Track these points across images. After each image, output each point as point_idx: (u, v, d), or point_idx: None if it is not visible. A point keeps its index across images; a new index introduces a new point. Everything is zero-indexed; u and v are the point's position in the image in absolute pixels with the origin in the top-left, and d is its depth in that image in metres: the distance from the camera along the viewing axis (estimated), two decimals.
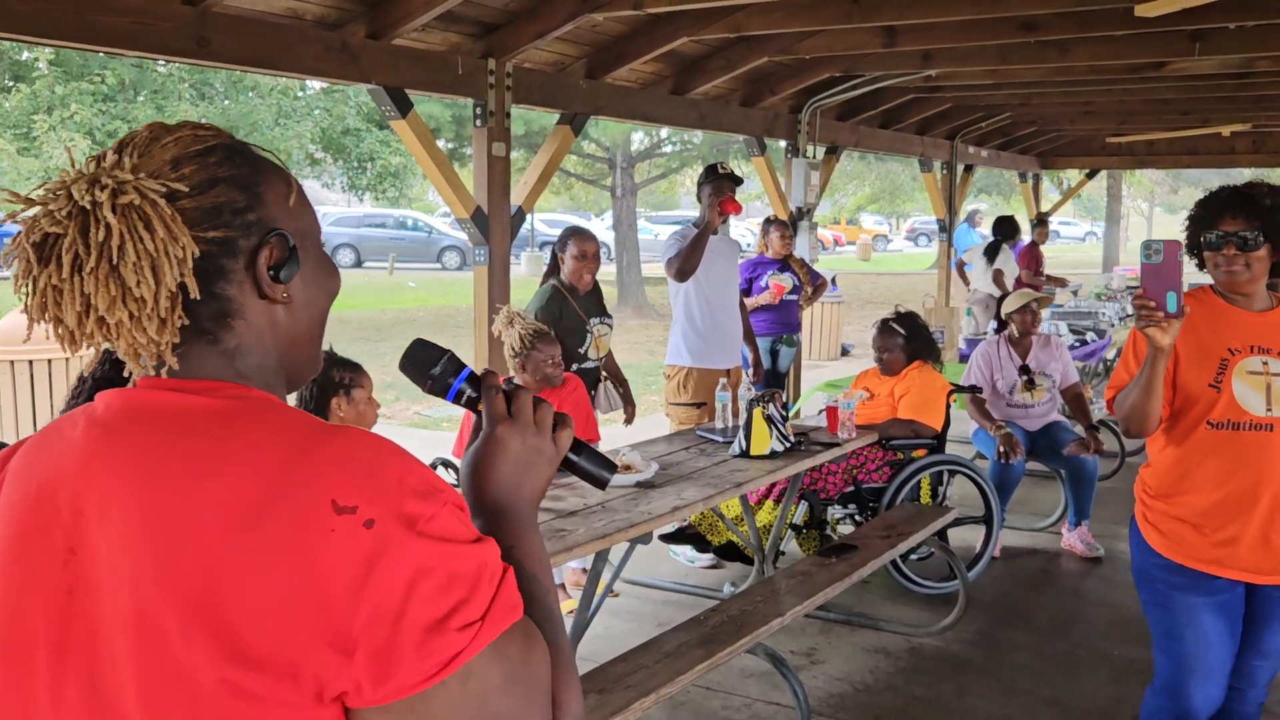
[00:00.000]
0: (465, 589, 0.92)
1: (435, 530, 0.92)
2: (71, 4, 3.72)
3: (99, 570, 0.95)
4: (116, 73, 13.16)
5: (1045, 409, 6.03)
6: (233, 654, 0.89)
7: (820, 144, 8.48)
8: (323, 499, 0.91)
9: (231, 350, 1.03)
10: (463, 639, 0.91)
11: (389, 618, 0.89)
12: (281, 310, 1.06)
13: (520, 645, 0.96)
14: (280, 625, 0.89)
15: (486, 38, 5.32)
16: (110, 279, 0.96)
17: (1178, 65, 6.97)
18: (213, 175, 1.01)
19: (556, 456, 1.18)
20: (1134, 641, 4.70)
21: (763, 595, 3.91)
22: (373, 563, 0.89)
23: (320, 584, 0.89)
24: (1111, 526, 6.31)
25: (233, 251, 1.02)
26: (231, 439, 0.96)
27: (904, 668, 4.45)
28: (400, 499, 0.92)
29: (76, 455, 1.00)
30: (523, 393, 1.17)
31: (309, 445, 0.95)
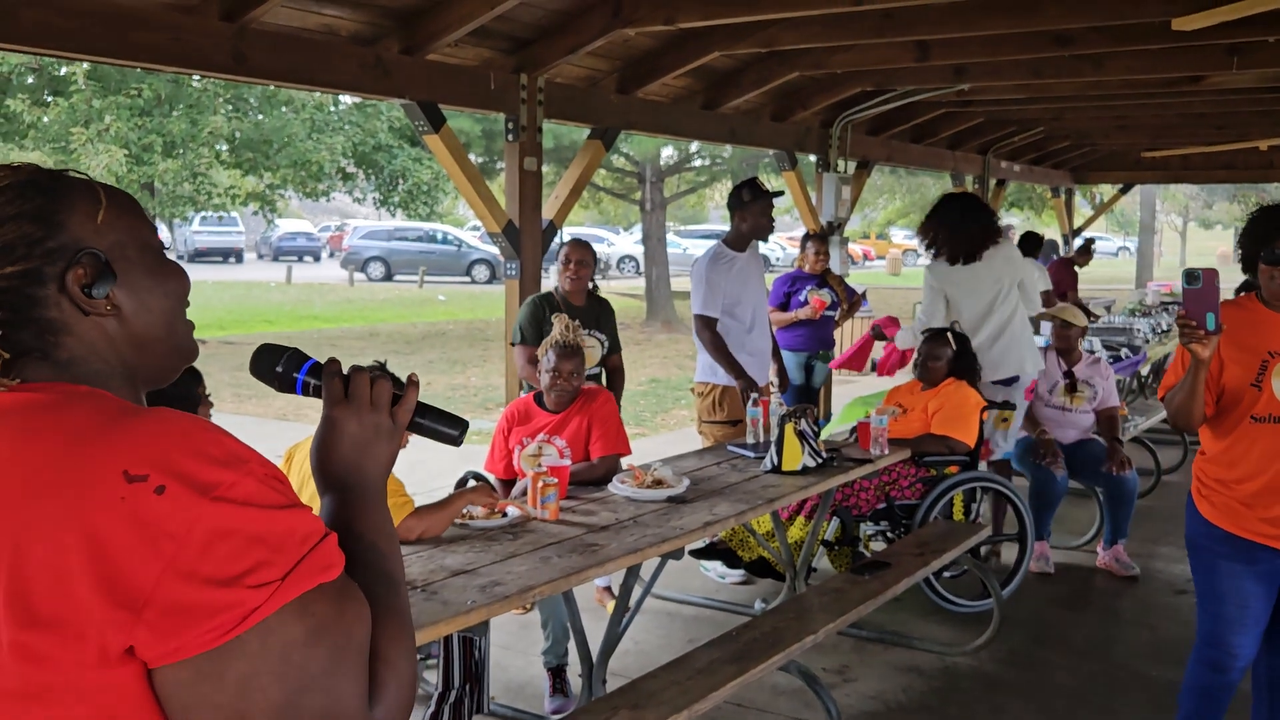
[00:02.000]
0: (266, 551, 0.96)
1: (234, 495, 0.97)
2: (112, 20, 3.77)
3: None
4: (153, 87, 13.33)
5: (1082, 420, 5.99)
6: (24, 617, 0.94)
7: (851, 158, 8.46)
8: (114, 469, 0.96)
9: (64, 362, 1.10)
10: (259, 595, 0.95)
11: (181, 575, 0.93)
12: (111, 321, 1.12)
13: (331, 604, 1.00)
14: (64, 586, 0.93)
15: (519, 53, 5.35)
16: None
17: (1215, 79, 6.91)
18: (1, 215, 1.08)
19: (396, 430, 1.24)
20: (1174, 663, 4.63)
21: (795, 612, 3.89)
22: (160, 524, 0.94)
23: (106, 546, 0.93)
24: (1148, 545, 6.24)
25: (39, 280, 1.08)
26: (46, 420, 1.03)
27: (938, 687, 4.41)
28: (195, 467, 0.97)
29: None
30: (360, 375, 1.23)
31: (111, 422, 1.01)
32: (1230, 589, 3.19)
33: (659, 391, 12.28)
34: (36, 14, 3.55)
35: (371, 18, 4.64)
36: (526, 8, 4.93)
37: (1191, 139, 10.89)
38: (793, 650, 3.54)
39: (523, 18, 5.09)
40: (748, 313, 5.56)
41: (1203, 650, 3.35)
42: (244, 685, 0.95)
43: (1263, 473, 3.07)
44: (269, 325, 18.13)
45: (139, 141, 13.09)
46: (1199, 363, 2.95)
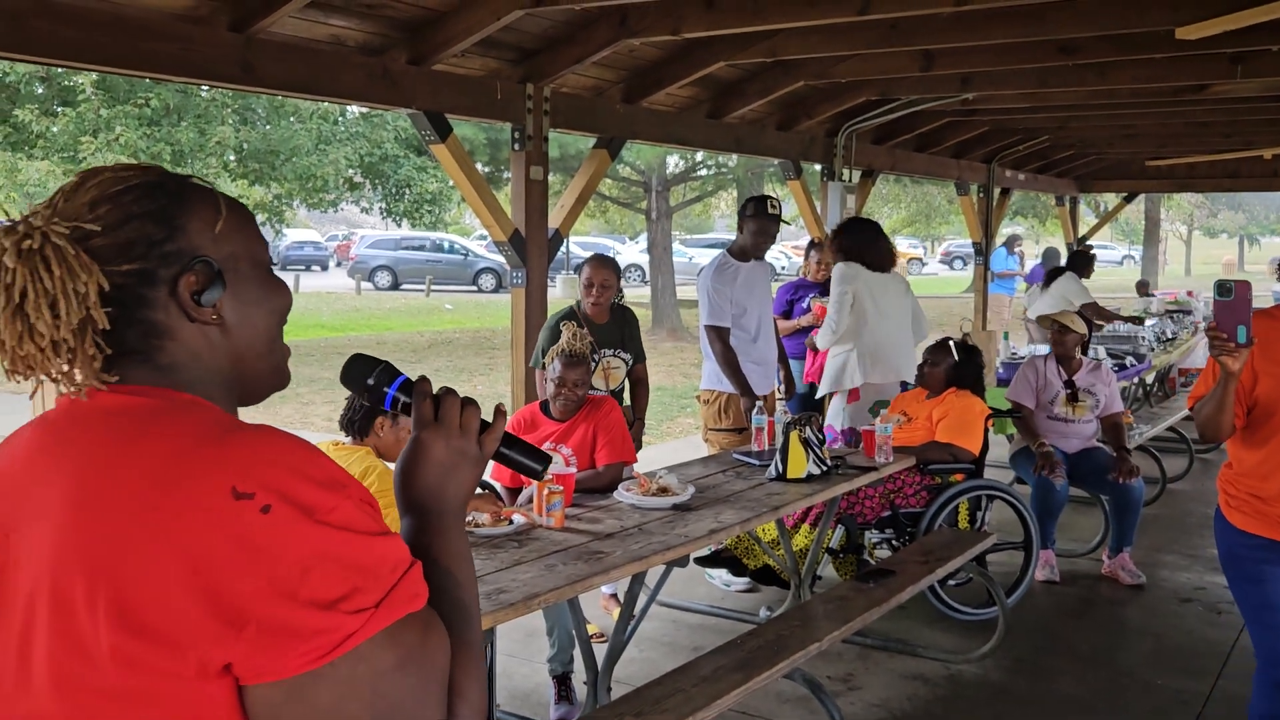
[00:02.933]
0: (361, 576, 0.97)
1: (335, 519, 0.97)
2: (120, 31, 3.79)
3: (27, 550, 1.02)
4: (161, 97, 13.37)
5: (1085, 429, 5.98)
6: (125, 624, 0.94)
7: (856, 167, 8.46)
8: (223, 485, 0.96)
9: (165, 367, 1.10)
10: (354, 622, 0.95)
11: (282, 596, 0.94)
12: (215, 330, 1.12)
13: (417, 634, 1.01)
14: (169, 598, 0.94)
15: (525, 63, 5.36)
16: (16, 318, 1.04)
17: (1219, 88, 6.91)
18: (127, 213, 1.08)
19: (482, 458, 1.23)
20: (1179, 671, 4.62)
21: (800, 620, 3.88)
22: (267, 544, 0.94)
23: (213, 562, 0.94)
24: (1153, 554, 6.23)
25: (151, 281, 1.08)
26: (150, 428, 1.03)
27: (942, 695, 4.40)
28: (300, 489, 0.97)
29: (24, 448, 1.10)
30: (450, 397, 1.22)
31: (218, 436, 1.01)
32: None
33: (664, 399, 12.28)
34: (45, 24, 3.56)
35: (379, 28, 4.66)
36: (533, 19, 4.94)
37: (1196, 148, 10.88)
38: (798, 658, 3.54)
39: (529, 28, 5.10)
40: (753, 322, 5.58)
41: (1268, 671, 3.10)
42: (333, 710, 0.96)
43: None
44: None
45: (147, 151, 13.12)
46: (1229, 375, 2.89)
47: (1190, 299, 12.40)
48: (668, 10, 4.97)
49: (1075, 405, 5.94)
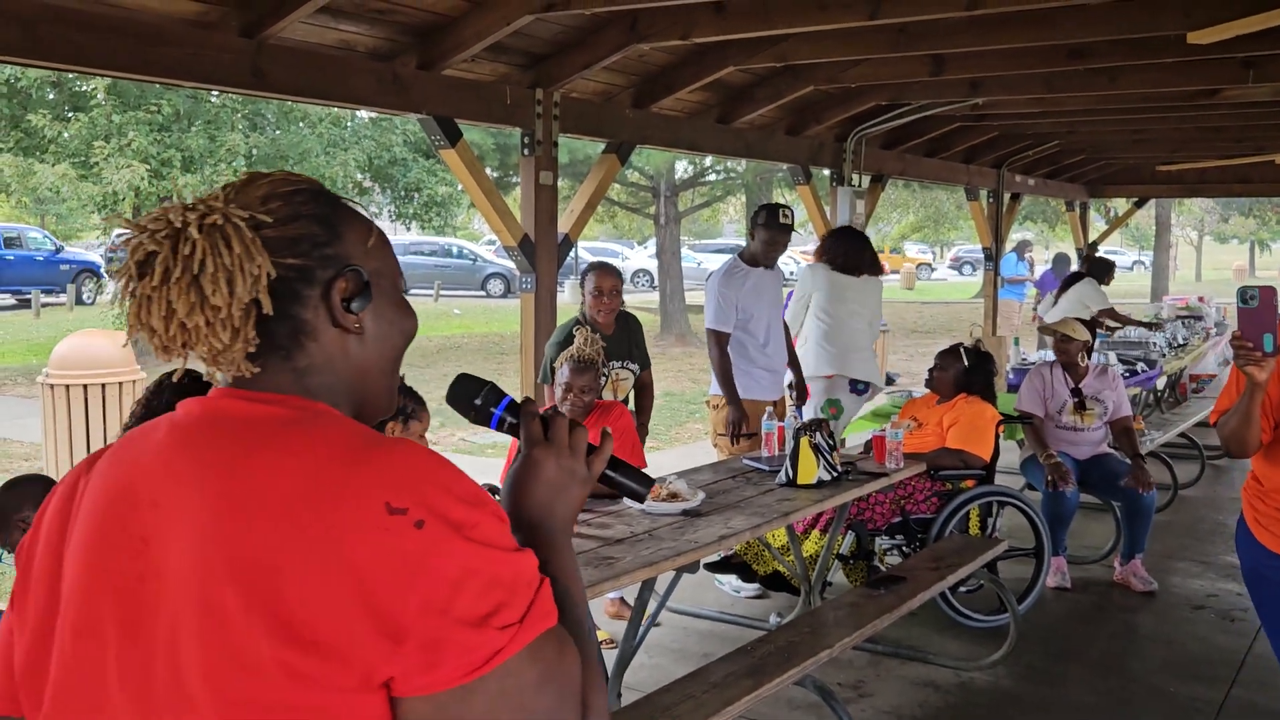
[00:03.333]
0: (505, 592, 0.99)
1: (480, 536, 0.99)
2: (132, 36, 3.80)
3: (169, 559, 1.02)
4: (171, 103, 13.43)
5: (1095, 436, 5.95)
6: (288, 636, 0.95)
7: (865, 172, 8.44)
8: (377, 500, 0.98)
9: (303, 368, 1.12)
10: (503, 638, 0.97)
11: (436, 611, 0.96)
12: (353, 339, 1.14)
13: (554, 648, 1.02)
14: (334, 612, 0.95)
15: (535, 68, 5.36)
16: (191, 288, 1.05)
17: (1231, 93, 6.88)
18: (296, 211, 1.12)
19: (590, 478, 1.24)
20: (1192, 679, 4.59)
21: (810, 626, 3.87)
22: (422, 560, 0.96)
23: (373, 576, 0.96)
24: (1165, 560, 6.19)
25: (309, 279, 1.11)
26: (294, 439, 1.04)
27: (954, 702, 4.37)
28: (448, 505, 0.99)
29: (156, 454, 1.09)
30: (559, 418, 1.24)
31: (366, 450, 1.03)
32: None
33: (673, 405, 12.28)
34: (57, 29, 3.57)
35: (389, 34, 4.66)
36: (542, 24, 4.94)
37: (1208, 153, 10.83)
38: (808, 665, 3.52)
39: (539, 33, 5.10)
40: (761, 327, 5.57)
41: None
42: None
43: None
44: None
45: (158, 156, 13.19)
46: (1255, 386, 2.78)
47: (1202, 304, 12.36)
48: (678, 15, 4.97)
49: (1083, 413, 5.91)
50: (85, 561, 1.08)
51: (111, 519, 1.07)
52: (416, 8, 4.56)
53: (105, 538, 1.07)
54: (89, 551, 1.08)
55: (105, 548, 1.07)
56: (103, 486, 1.11)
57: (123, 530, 1.06)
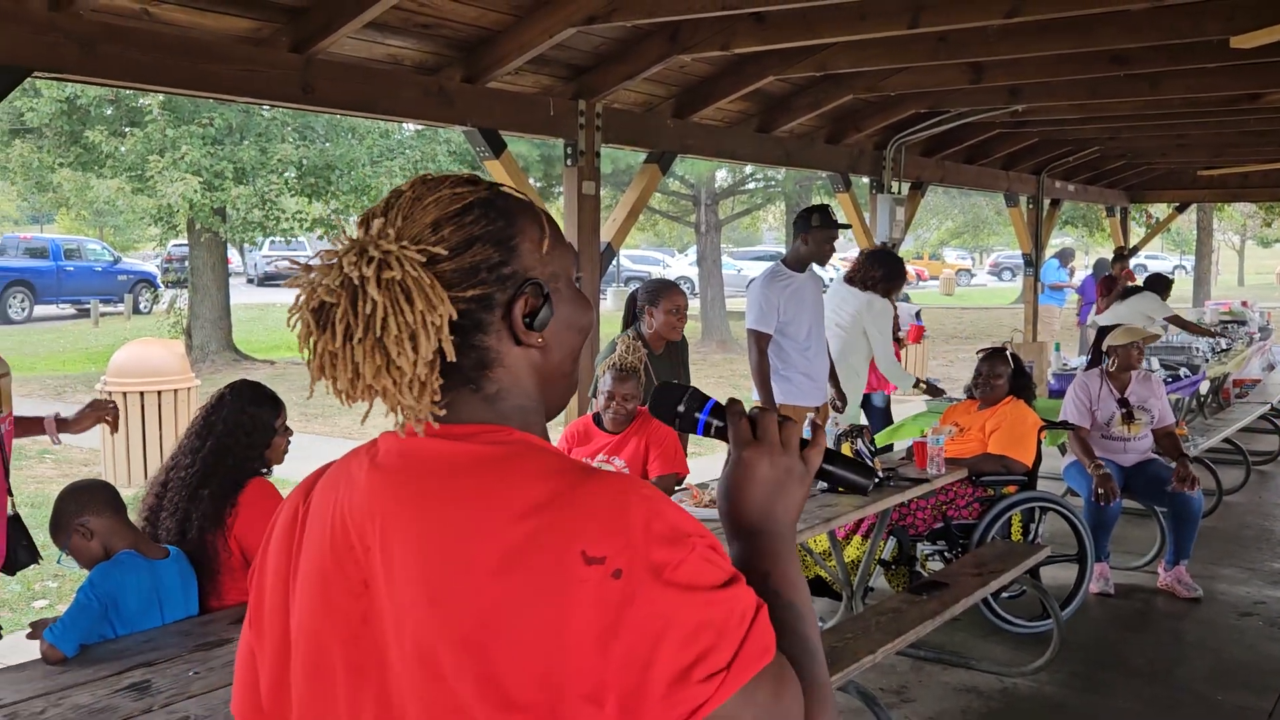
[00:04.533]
0: (711, 637, 0.92)
1: (681, 578, 0.93)
2: (186, 54, 3.85)
3: (385, 602, 1.01)
4: (224, 117, 13.62)
5: (1142, 444, 5.86)
6: (497, 698, 0.93)
7: (905, 180, 8.39)
8: (574, 549, 0.93)
9: (492, 395, 1.07)
10: (708, 689, 0.91)
11: (636, 668, 0.91)
12: (536, 353, 1.09)
13: (769, 689, 0.95)
14: (538, 674, 0.92)
15: (577, 80, 5.38)
16: (376, 350, 1.00)
17: (1274, 97, 6.76)
18: (470, 235, 1.04)
19: (807, 474, 1.16)
20: (1240, 686, 4.50)
21: (853, 632, 3.84)
22: (621, 613, 0.91)
23: (572, 633, 0.91)
24: (1210, 567, 6.08)
25: (489, 306, 1.05)
26: (492, 484, 0.99)
27: (997, 708, 4.32)
28: (647, 548, 0.93)
29: (362, 495, 1.05)
30: (767, 415, 1.16)
31: (562, 493, 0.97)
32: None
33: None
34: (115, 48, 3.63)
35: (435, 48, 4.70)
36: (584, 36, 4.95)
37: (1250, 157, 10.66)
38: (851, 670, 3.49)
39: (581, 46, 5.12)
40: (802, 331, 5.54)
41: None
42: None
43: None
44: None
45: (211, 169, 13.37)
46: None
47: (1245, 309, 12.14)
48: (718, 26, 4.96)
49: (1132, 424, 5.80)
50: (311, 599, 1.07)
51: (331, 559, 1.06)
52: (461, 22, 4.59)
53: (328, 578, 1.06)
54: (314, 589, 1.07)
55: (329, 587, 1.05)
56: (320, 522, 1.09)
57: (343, 571, 1.04)
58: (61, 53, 3.49)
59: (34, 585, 5.94)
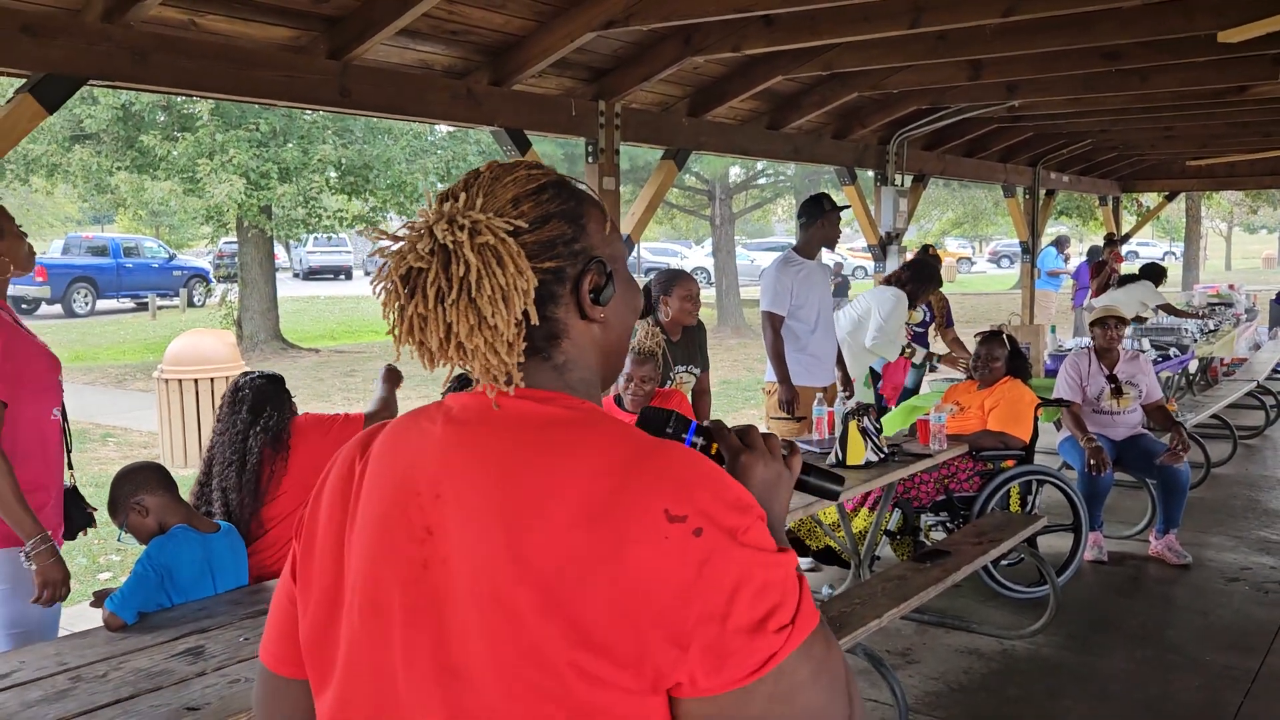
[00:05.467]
0: (778, 595, 0.95)
1: (751, 540, 0.95)
2: (232, 62, 3.85)
3: (452, 549, 1.00)
4: (269, 121, 13.66)
5: (1131, 419, 5.82)
6: (581, 640, 0.93)
7: (908, 173, 8.32)
8: (656, 507, 0.94)
9: (560, 365, 1.08)
10: (778, 640, 0.94)
11: (717, 617, 0.93)
12: (598, 328, 1.11)
13: (822, 645, 0.98)
14: (623, 618, 0.93)
15: (597, 81, 5.36)
16: (469, 309, 1.01)
17: (1260, 89, 6.67)
18: (546, 211, 1.06)
19: (791, 478, 1.19)
20: (1228, 648, 4.47)
21: (860, 598, 3.83)
22: (702, 567, 0.93)
23: (657, 583, 0.93)
24: (1199, 535, 6.04)
25: (562, 279, 1.07)
26: (573, 443, 1.00)
27: (997, 669, 4.31)
28: (722, 511, 0.95)
29: (435, 447, 1.05)
30: (752, 428, 1.19)
31: (641, 456, 0.98)
32: None
33: (729, 392, 12.23)
34: (167, 58, 3.64)
35: (463, 53, 4.69)
36: (603, 40, 4.93)
37: (1237, 147, 10.52)
38: (859, 634, 3.49)
39: (600, 49, 5.09)
40: (812, 315, 5.54)
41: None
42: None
43: None
44: (375, 335, 18.43)
45: (257, 170, 13.42)
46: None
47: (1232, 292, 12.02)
48: (730, 29, 4.93)
49: (1120, 398, 5.79)
50: (371, 544, 1.06)
51: (395, 506, 1.05)
52: (488, 28, 4.58)
53: (389, 523, 1.05)
54: (375, 535, 1.06)
55: (390, 533, 1.05)
56: (383, 473, 1.09)
57: (406, 518, 1.04)
58: (115, 62, 3.50)
59: (98, 559, 6.01)
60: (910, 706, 3.85)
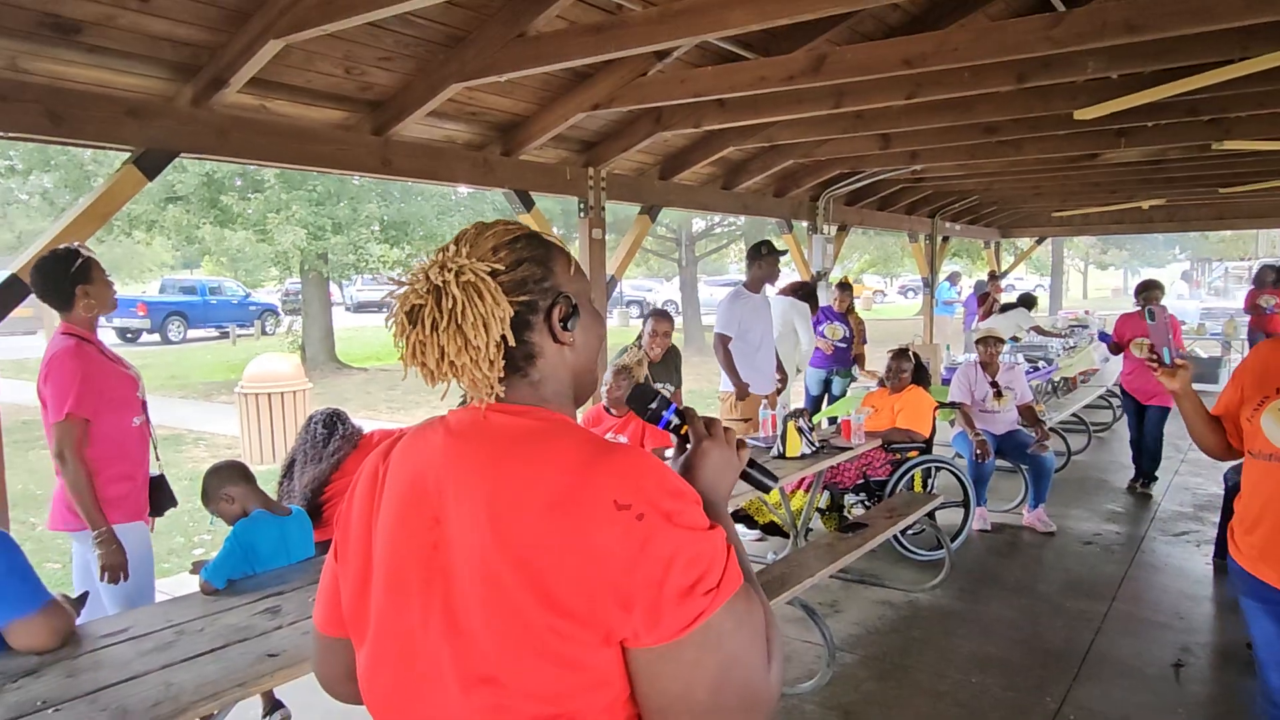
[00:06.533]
0: (705, 564, 0.96)
1: (684, 522, 0.96)
2: (294, 138, 3.85)
3: (453, 534, 1.01)
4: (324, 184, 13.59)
5: (1009, 416, 5.87)
6: (552, 605, 0.94)
7: (833, 223, 8.37)
8: (608, 499, 0.95)
9: (536, 381, 1.08)
10: (705, 601, 0.95)
11: (655, 584, 0.94)
12: (568, 351, 1.10)
13: (744, 603, 0.99)
14: (583, 590, 0.94)
15: (587, 152, 5.37)
16: (456, 334, 1.02)
17: (1108, 155, 6.76)
18: (519, 257, 1.07)
19: (739, 465, 1.19)
20: (1083, 596, 4.51)
21: (797, 561, 3.84)
22: (643, 545, 0.94)
23: (608, 558, 0.94)
24: (1061, 509, 6.09)
25: (535, 310, 1.07)
26: (543, 449, 1.00)
27: (904, 615, 4.32)
28: (662, 499, 0.96)
29: (439, 454, 1.06)
30: (716, 420, 1.20)
31: (596, 458, 0.98)
32: (1253, 623, 2.34)
33: (691, 399, 12.22)
34: (243, 135, 3.63)
35: (480, 130, 4.69)
36: (592, 119, 4.95)
37: (1090, 201, 10.66)
38: (796, 590, 3.49)
39: (589, 126, 5.11)
40: (756, 338, 5.56)
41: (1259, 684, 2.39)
42: (692, 664, 0.96)
43: (1262, 508, 2.26)
44: None
45: (315, 224, 13.34)
46: (1175, 393, 2.40)
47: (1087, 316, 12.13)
48: (691, 110, 4.96)
49: (1000, 399, 5.84)
50: (392, 531, 1.07)
51: (409, 500, 1.06)
52: (499, 110, 4.59)
53: (406, 514, 1.06)
54: (395, 524, 1.07)
55: (407, 522, 1.06)
56: (400, 475, 1.09)
57: (419, 511, 1.05)
58: (202, 138, 3.49)
59: (194, 538, 5.94)
60: (837, 646, 3.87)
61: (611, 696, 0.98)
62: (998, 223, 12.93)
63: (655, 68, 4.34)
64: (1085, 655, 3.83)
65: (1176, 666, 3.71)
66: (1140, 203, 10.19)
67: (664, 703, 0.97)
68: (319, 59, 3.65)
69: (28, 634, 2.16)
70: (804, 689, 3.55)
